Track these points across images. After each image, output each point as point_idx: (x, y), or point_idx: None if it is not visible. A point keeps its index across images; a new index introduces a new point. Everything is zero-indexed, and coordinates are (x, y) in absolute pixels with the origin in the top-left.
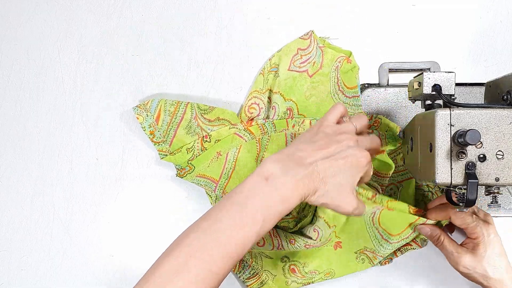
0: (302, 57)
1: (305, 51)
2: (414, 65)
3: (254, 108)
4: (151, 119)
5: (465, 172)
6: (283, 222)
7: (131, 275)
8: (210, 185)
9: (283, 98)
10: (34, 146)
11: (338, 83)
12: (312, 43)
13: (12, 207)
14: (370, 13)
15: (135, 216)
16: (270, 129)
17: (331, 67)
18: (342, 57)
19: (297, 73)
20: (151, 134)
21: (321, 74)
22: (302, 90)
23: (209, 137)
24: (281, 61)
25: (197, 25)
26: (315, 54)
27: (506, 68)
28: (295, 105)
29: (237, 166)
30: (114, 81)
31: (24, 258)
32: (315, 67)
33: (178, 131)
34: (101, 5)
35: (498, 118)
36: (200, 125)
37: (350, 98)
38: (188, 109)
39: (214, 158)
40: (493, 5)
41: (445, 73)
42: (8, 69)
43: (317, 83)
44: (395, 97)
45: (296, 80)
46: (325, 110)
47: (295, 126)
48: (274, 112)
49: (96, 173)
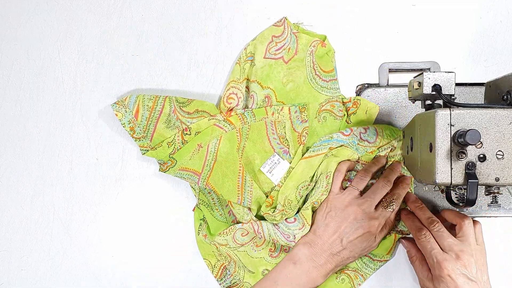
0: (277, 44)
1: (280, 38)
2: (414, 65)
3: (233, 98)
4: (130, 115)
5: (465, 172)
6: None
7: (131, 275)
8: (193, 177)
9: (261, 86)
10: (34, 146)
11: (314, 67)
12: (286, 29)
13: (12, 207)
14: (370, 13)
15: (135, 216)
16: (250, 118)
17: (306, 52)
18: (316, 41)
19: (273, 60)
20: (131, 130)
21: (297, 59)
22: (279, 77)
23: (189, 129)
24: (257, 50)
25: (197, 25)
26: (289, 40)
27: (506, 68)
28: (273, 93)
29: (218, 157)
30: (114, 81)
31: (24, 258)
32: (290, 53)
33: (158, 126)
34: (101, 5)
35: (498, 118)
36: (180, 118)
37: (328, 82)
38: (167, 103)
39: (195, 151)
40: (493, 5)
41: (445, 73)
42: (8, 69)
43: (293, 69)
44: (395, 97)
45: (273, 68)
46: (303, 95)
47: (274, 114)
48: (253, 101)
49: (96, 173)
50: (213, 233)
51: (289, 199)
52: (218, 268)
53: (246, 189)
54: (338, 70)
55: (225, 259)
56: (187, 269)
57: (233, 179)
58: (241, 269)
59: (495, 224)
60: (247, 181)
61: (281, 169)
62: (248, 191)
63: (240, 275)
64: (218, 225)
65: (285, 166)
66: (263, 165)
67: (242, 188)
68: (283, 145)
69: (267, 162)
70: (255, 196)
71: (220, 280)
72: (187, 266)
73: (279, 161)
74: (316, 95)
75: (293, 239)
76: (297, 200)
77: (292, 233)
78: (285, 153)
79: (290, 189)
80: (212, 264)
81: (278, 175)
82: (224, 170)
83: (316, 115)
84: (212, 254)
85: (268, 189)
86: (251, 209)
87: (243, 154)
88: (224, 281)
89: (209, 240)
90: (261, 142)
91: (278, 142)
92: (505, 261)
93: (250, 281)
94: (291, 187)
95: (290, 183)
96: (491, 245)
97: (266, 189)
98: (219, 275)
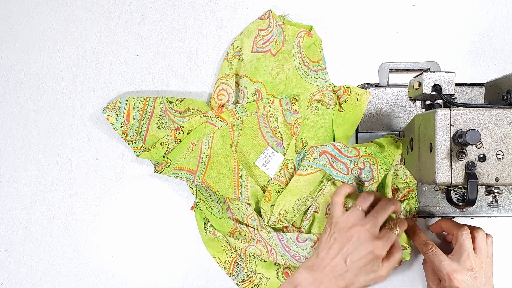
0: (263, 37)
1: (266, 31)
2: (414, 65)
3: (223, 94)
4: (122, 118)
5: (465, 172)
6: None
7: (131, 276)
8: (188, 176)
9: (250, 80)
10: (34, 146)
11: (302, 58)
12: (272, 22)
13: (12, 207)
14: (370, 13)
15: (135, 216)
16: (242, 113)
17: (293, 43)
18: (302, 32)
19: (261, 53)
20: (124, 134)
21: (284, 51)
22: (267, 70)
23: (182, 128)
24: (244, 44)
25: (197, 25)
26: (275, 32)
27: (506, 68)
28: (263, 86)
29: (212, 153)
30: (114, 81)
31: (24, 258)
32: (277, 46)
33: (150, 127)
34: (101, 5)
35: (498, 118)
36: (171, 118)
37: (317, 72)
38: (157, 104)
39: (189, 149)
40: (493, 5)
41: (445, 73)
42: (8, 69)
43: (281, 61)
44: (395, 97)
45: (261, 61)
46: (293, 87)
47: (265, 107)
48: (243, 95)
49: (96, 173)
50: (219, 228)
51: (286, 211)
52: (230, 264)
53: (242, 184)
54: (338, 69)
55: (235, 252)
56: (187, 269)
57: (229, 175)
58: (252, 261)
59: (495, 224)
60: (242, 176)
61: (275, 162)
62: (244, 185)
63: (252, 267)
64: (219, 222)
65: (280, 158)
66: (257, 159)
67: (238, 183)
68: (276, 138)
69: (261, 156)
70: (251, 190)
71: (232, 276)
72: (187, 266)
73: (273, 154)
74: (306, 85)
75: (303, 260)
76: (294, 213)
77: (303, 254)
78: (278, 146)
79: (287, 202)
80: (223, 261)
81: (273, 168)
82: (219, 167)
83: (307, 105)
84: (221, 250)
85: (264, 182)
86: (250, 204)
87: (237, 149)
88: (236, 276)
89: (221, 236)
90: (254, 136)
91: (271, 135)
92: (505, 261)
93: (263, 271)
94: (289, 200)
95: (288, 197)
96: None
97: (262, 183)
98: (231, 271)
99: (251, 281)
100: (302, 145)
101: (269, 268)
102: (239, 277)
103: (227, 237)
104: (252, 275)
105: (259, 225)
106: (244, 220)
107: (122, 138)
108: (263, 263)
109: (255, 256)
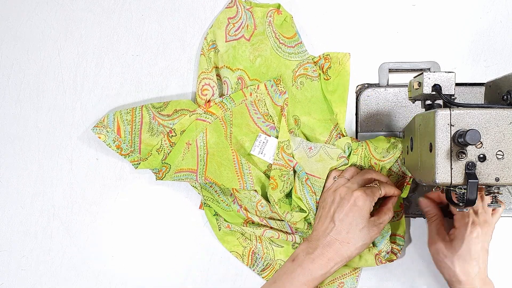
0: (234, 25)
1: (235, 18)
2: (414, 65)
3: (207, 89)
4: (113, 133)
5: (465, 172)
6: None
7: (131, 276)
8: (191, 176)
9: (231, 69)
10: (34, 146)
11: (277, 37)
12: (239, 8)
13: (12, 207)
14: (370, 13)
15: (135, 215)
16: (230, 104)
17: (265, 24)
18: (271, 11)
19: (235, 41)
20: (118, 149)
21: (258, 34)
22: (245, 55)
23: (174, 131)
24: (217, 36)
25: (197, 25)
26: (245, 18)
27: (506, 68)
28: (244, 73)
29: (209, 149)
30: (114, 81)
31: (24, 258)
32: (249, 30)
33: (143, 136)
34: (101, 5)
35: (498, 118)
36: (161, 123)
37: (294, 47)
38: (145, 112)
39: (185, 150)
40: (493, 5)
41: (445, 73)
42: (8, 69)
43: (256, 43)
44: (395, 97)
45: (237, 49)
46: (273, 67)
47: (252, 94)
48: (227, 86)
49: (96, 173)
50: (231, 221)
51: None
52: (247, 255)
53: (245, 173)
54: None
55: (251, 242)
56: (187, 269)
57: (230, 167)
58: (269, 248)
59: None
60: (243, 165)
61: (271, 147)
62: (247, 174)
63: (271, 254)
64: (230, 215)
65: (274, 142)
66: (252, 148)
67: (240, 172)
68: (268, 122)
69: (255, 144)
70: (255, 176)
71: (252, 266)
72: (187, 266)
73: (266, 140)
74: (286, 63)
75: None
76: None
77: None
78: (272, 129)
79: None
80: (241, 254)
81: (270, 153)
82: (218, 160)
83: (292, 82)
84: (237, 243)
85: (264, 167)
86: (256, 190)
87: (232, 140)
88: (256, 266)
89: (236, 227)
90: (246, 124)
91: (263, 121)
92: (505, 261)
93: (282, 257)
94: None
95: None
96: (491, 245)
97: (263, 169)
98: (250, 262)
99: (272, 268)
100: (295, 122)
101: (287, 252)
102: (259, 267)
103: (242, 227)
104: (272, 262)
105: (269, 211)
106: (254, 207)
107: (117, 153)
108: (280, 248)
109: (271, 243)
